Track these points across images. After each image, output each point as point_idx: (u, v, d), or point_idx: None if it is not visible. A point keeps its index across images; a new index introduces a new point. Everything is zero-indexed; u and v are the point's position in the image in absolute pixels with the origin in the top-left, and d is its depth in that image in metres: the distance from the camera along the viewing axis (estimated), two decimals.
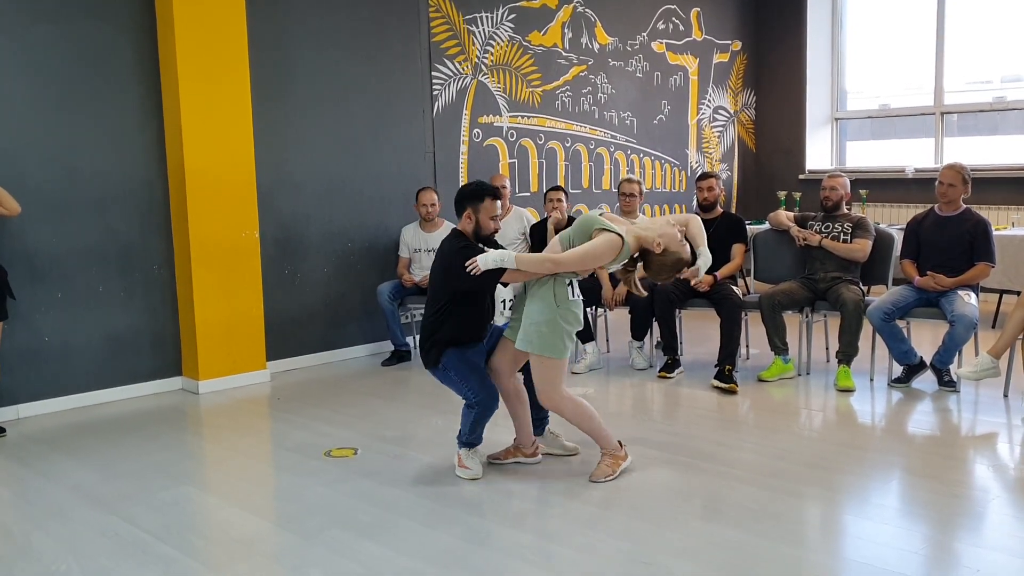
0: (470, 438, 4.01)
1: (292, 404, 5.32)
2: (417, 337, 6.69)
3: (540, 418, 4.20)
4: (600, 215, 3.83)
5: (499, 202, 3.96)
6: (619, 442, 3.98)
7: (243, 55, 5.67)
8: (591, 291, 5.93)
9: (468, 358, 3.93)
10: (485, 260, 3.64)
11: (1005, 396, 5.05)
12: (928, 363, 5.29)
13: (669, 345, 5.78)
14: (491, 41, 7.24)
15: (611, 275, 5.97)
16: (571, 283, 3.77)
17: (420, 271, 6.32)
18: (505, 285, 4.32)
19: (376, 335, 6.61)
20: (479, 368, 3.95)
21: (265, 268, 5.95)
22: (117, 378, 5.47)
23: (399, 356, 6.31)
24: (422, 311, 6.75)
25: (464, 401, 3.97)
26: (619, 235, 3.66)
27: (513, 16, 7.37)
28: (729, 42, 9.33)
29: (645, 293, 4.07)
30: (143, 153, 5.50)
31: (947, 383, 5.20)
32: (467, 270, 3.66)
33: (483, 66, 7.18)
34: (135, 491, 3.91)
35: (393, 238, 6.61)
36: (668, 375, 5.69)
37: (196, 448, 4.63)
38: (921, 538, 3.29)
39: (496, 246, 4.00)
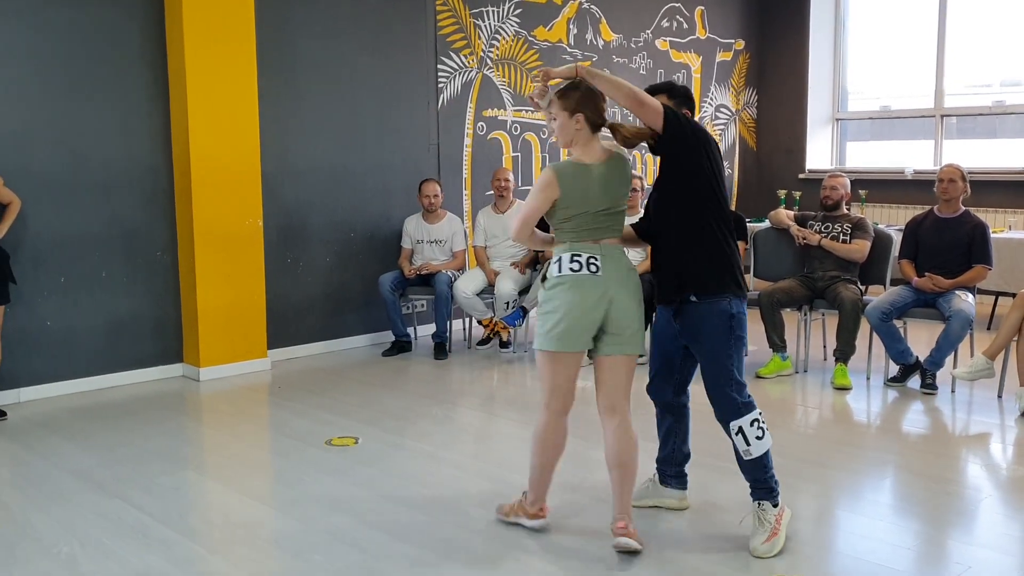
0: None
1: (293, 392, 5.35)
2: (417, 328, 6.80)
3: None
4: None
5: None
6: (543, 507, 3.35)
7: (250, 43, 5.69)
8: None
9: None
10: None
11: (999, 397, 5.09)
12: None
13: None
14: (497, 35, 7.26)
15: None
16: (559, 259, 3.31)
17: (422, 262, 6.34)
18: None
19: (377, 325, 6.63)
20: None
21: (268, 256, 5.97)
22: (118, 363, 5.50)
23: (400, 346, 6.34)
24: (423, 302, 6.88)
25: None
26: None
27: (519, 11, 7.38)
28: (732, 41, 9.35)
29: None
30: (149, 139, 5.52)
31: (928, 386, 5.19)
32: None
33: (488, 60, 7.20)
34: (135, 475, 3.95)
35: (395, 229, 6.63)
36: None
37: (196, 434, 4.66)
38: (913, 534, 3.34)
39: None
